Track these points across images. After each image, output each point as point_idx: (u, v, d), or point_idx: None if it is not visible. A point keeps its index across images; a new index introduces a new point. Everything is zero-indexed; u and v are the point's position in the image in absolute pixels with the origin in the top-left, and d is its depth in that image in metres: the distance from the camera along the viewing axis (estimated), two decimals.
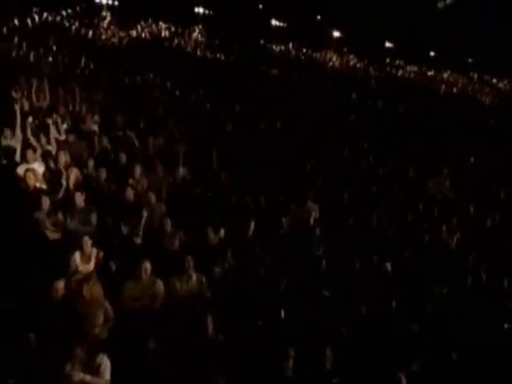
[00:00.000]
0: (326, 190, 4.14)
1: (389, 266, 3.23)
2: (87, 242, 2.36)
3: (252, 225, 3.02)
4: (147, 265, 2.37)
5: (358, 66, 13.61)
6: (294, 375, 1.97)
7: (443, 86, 12.17)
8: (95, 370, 1.81)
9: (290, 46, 15.06)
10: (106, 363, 1.83)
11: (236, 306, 2.30)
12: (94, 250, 2.39)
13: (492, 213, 4.43)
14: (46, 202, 2.66)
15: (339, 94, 9.41)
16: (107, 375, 1.83)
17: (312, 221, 3.47)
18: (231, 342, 2.06)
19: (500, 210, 4.58)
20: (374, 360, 2.38)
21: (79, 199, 2.70)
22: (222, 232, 2.85)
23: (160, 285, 2.38)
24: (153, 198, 2.99)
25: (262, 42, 15.13)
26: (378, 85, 11.52)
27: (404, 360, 2.44)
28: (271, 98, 7.45)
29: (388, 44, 18.78)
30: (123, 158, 3.37)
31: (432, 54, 18.33)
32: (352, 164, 5.17)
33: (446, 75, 14.20)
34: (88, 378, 1.80)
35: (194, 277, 2.43)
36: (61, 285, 2.20)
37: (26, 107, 3.90)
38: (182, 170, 3.44)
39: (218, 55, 11.54)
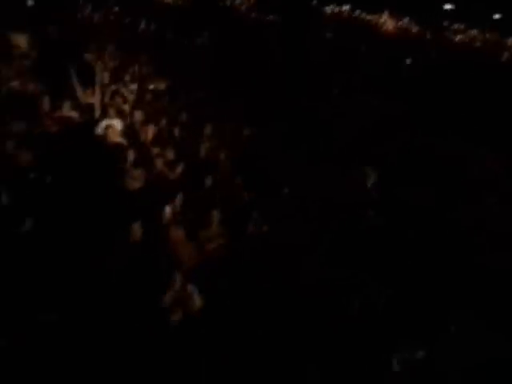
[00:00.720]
0: (381, 158, 4.23)
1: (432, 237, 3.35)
2: (179, 199, 2.65)
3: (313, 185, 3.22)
4: (216, 214, 2.65)
5: (414, 30, 13.03)
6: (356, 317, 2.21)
7: (506, 53, 11.48)
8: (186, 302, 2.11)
9: (344, 7, 14.51)
10: (196, 294, 2.13)
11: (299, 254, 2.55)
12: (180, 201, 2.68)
13: None
14: (128, 155, 2.96)
15: (392, 60, 9.17)
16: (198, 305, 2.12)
17: (369, 185, 3.61)
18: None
19: None
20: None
21: (169, 152, 3.01)
22: (286, 189, 3.07)
23: (228, 234, 2.65)
24: (222, 155, 3.23)
25: (314, 2, 14.71)
26: (432, 50, 11.05)
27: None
28: (323, 63, 7.41)
29: (447, 6, 17.65)
30: (192, 116, 3.61)
31: (496, 16, 17.07)
32: (401, 133, 5.16)
33: (510, 41, 13.28)
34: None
35: (264, 228, 2.68)
36: (140, 229, 2.49)
37: (101, 68, 4.18)
38: (246, 129, 3.65)
39: (270, 17, 11.40)
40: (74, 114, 3.39)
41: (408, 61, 9.59)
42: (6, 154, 2.99)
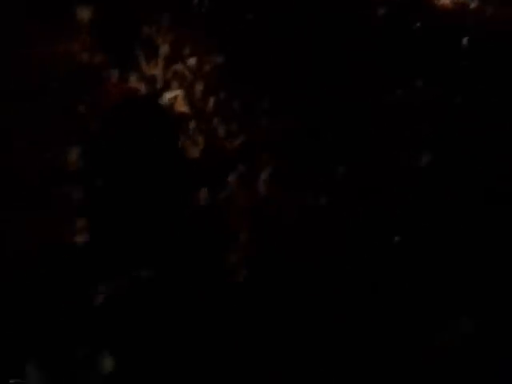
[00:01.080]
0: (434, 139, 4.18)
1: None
2: (240, 168, 2.80)
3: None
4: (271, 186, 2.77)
5: (473, 5, 12.33)
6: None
7: None
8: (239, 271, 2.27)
9: None
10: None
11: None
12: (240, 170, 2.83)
13: None
14: (191, 125, 3.13)
15: (448, 38, 8.81)
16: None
17: (423, 165, 3.61)
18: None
19: None
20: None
21: (229, 124, 3.15)
22: (342, 169, 3.14)
23: (279, 207, 2.78)
24: (277, 134, 3.32)
25: None
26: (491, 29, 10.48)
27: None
28: (374, 42, 7.24)
29: None
30: (249, 90, 3.71)
31: None
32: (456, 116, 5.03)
33: None
34: None
35: (318, 202, 2.78)
36: (206, 194, 2.67)
37: (162, 41, 4.33)
38: (301, 108, 3.70)
39: None
40: (140, 86, 3.59)
41: (465, 40, 9.16)
42: (78, 123, 3.24)
